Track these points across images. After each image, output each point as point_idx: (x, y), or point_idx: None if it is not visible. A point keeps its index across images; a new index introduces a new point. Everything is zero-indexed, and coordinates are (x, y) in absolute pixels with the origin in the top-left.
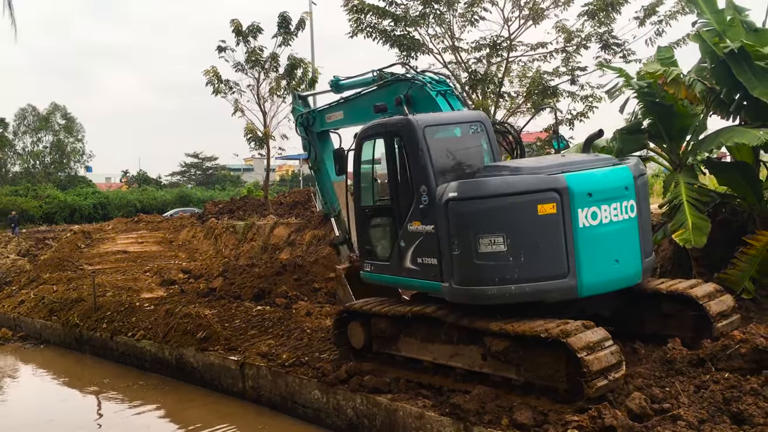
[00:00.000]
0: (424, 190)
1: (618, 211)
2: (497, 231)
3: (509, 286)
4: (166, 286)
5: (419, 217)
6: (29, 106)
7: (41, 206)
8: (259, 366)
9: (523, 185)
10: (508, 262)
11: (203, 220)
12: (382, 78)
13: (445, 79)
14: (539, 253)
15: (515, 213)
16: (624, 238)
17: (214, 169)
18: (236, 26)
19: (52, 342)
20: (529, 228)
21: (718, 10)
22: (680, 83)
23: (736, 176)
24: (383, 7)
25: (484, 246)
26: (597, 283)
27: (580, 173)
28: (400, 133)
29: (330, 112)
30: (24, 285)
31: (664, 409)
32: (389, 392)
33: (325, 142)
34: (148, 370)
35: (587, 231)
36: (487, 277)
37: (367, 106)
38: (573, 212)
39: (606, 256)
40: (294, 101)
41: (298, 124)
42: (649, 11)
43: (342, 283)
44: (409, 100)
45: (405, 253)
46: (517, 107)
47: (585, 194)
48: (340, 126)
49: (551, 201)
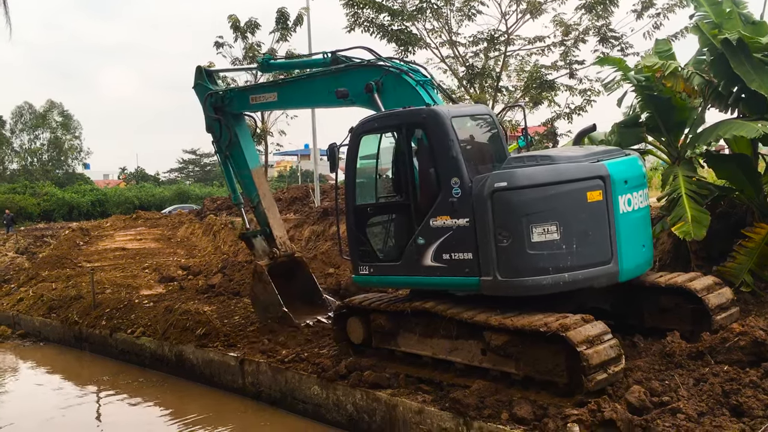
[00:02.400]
0: (456, 183)
1: (642, 199)
2: (551, 219)
3: (563, 274)
4: (165, 282)
5: (448, 211)
6: (26, 104)
7: (39, 204)
8: (259, 362)
9: (572, 173)
10: (561, 250)
11: (202, 216)
12: (338, 62)
13: (419, 68)
14: (589, 239)
15: (567, 201)
16: (644, 224)
17: (213, 166)
18: (234, 22)
19: (51, 339)
20: (580, 215)
21: (716, 2)
22: (678, 76)
23: (734, 169)
24: (380, 2)
25: (538, 235)
26: (632, 268)
27: (616, 161)
28: (424, 124)
29: (257, 92)
30: (23, 283)
31: (664, 402)
32: (389, 387)
33: (240, 124)
34: (147, 367)
35: (625, 217)
36: (540, 266)
37: (319, 89)
38: (614, 199)
39: (637, 242)
40: (198, 77)
41: (208, 103)
42: (646, 4)
43: (264, 280)
44: (379, 88)
45: (424, 251)
46: (515, 101)
47: (623, 181)
48: (269, 109)
49: (598, 188)
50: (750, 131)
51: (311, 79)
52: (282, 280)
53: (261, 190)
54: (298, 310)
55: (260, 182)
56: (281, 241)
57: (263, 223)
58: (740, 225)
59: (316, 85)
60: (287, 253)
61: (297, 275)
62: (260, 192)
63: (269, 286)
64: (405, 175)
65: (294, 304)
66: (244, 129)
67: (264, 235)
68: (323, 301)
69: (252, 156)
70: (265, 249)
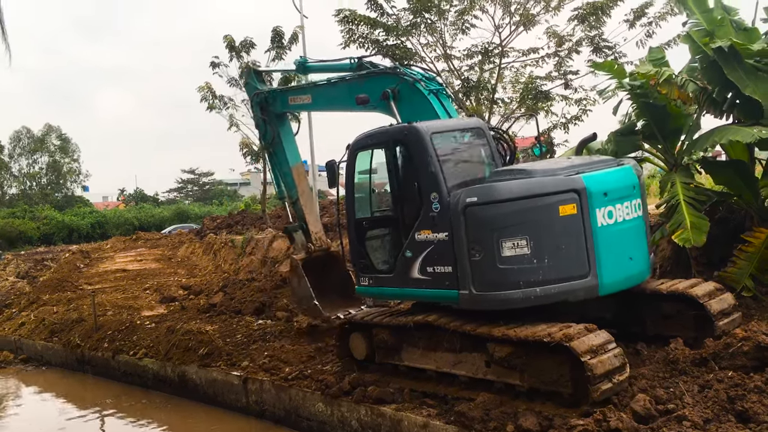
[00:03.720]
0: (435, 198)
1: (629, 210)
2: (520, 234)
3: (534, 288)
4: (167, 303)
5: (429, 226)
6: (24, 128)
7: (39, 227)
8: (262, 380)
9: (544, 187)
10: (532, 265)
11: (202, 235)
12: (363, 67)
13: (434, 76)
14: (562, 253)
15: (537, 215)
16: (635, 236)
17: (211, 185)
18: (229, 42)
19: (53, 363)
20: (552, 229)
21: (707, 9)
22: (672, 83)
23: (731, 174)
24: (374, 18)
25: (508, 250)
26: (615, 282)
27: (595, 174)
28: (406, 141)
29: (295, 94)
30: (24, 307)
31: (669, 409)
32: (393, 402)
33: (283, 123)
34: (150, 388)
35: (605, 230)
36: (512, 280)
37: (343, 95)
38: (591, 212)
39: (621, 254)
40: (248, 76)
41: (255, 102)
42: (638, 13)
43: (299, 274)
44: (396, 96)
45: (412, 264)
46: (511, 113)
47: (601, 194)
48: (305, 110)
49: (571, 202)
50: (746, 136)
51: (338, 83)
52: (317, 273)
53: (300, 187)
54: (332, 302)
55: (300, 179)
56: (317, 237)
57: (300, 219)
58: (739, 230)
59: (341, 90)
60: (323, 247)
61: (332, 269)
62: (299, 189)
63: (303, 280)
64: (393, 190)
65: (329, 296)
66: (286, 128)
67: (302, 229)
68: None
69: (293, 154)
70: (304, 243)
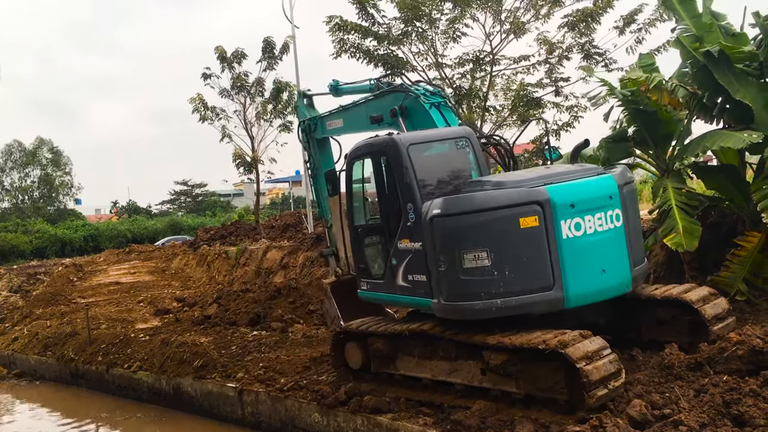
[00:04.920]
0: (410, 208)
1: (603, 221)
2: (480, 246)
3: (495, 300)
4: (161, 315)
5: (408, 235)
6: (15, 142)
7: (31, 241)
8: (258, 391)
9: (504, 199)
10: (493, 277)
11: (195, 247)
12: (379, 87)
13: (439, 90)
14: (523, 266)
15: (498, 227)
16: (610, 247)
17: (204, 196)
18: (221, 53)
19: (47, 378)
20: (513, 242)
21: (696, 15)
22: (663, 89)
23: (723, 179)
24: (366, 27)
25: (469, 261)
26: (584, 294)
27: (562, 185)
28: (386, 152)
29: (331, 119)
30: (17, 321)
31: (665, 414)
32: (389, 412)
33: (325, 149)
34: (145, 401)
35: (571, 242)
36: (472, 292)
37: (363, 116)
38: (556, 224)
39: (592, 267)
40: (298, 99)
41: (301, 129)
42: (628, 20)
43: (328, 296)
44: (404, 112)
45: (397, 271)
46: (503, 120)
47: (567, 205)
48: (340, 133)
49: (533, 214)
50: (737, 141)
51: (358, 105)
52: (345, 295)
53: (334, 215)
54: None
55: (334, 209)
56: (345, 262)
57: (333, 244)
58: (731, 234)
59: (361, 112)
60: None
61: None
62: (333, 217)
63: (331, 301)
64: (379, 199)
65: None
66: (327, 155)
67: (334, 255)
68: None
69: None
70: (334, 267)
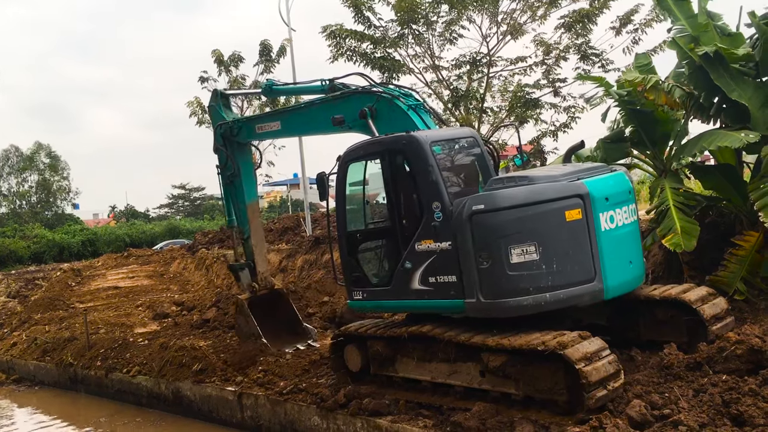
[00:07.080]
0: (437, 207)
1: (627, 214)
2: (529, 240)
3: (544, 294)
4: (159, 319)
5: (432, 235)
6: (12, 147)
7: (29, 246)
8: (257, 395)
9: (550, 193)
10: (541, 270)
11: (193, 251)
12: (335, 89)
13: (411, 92)
14: (569, 258)
15: (545, 221)
16: (632, 240)
17: (202, 199)
18: (218, 56)
19: (46, 383)
20: (559, 234)
21: (692, 15)
22: (659, 90)
23: (720, 179)
24: (362, 31)
25: (517, 256)
26: (618, 285)
27: (595, 179)
28: (405, 150)
29: (263, 122)
30: (15, 327)
31: (665, 415)
32: (389, 414)
33: (244, 154)
34: (144, 406)
35: (607, 234)
36: (522, 287)
37: (318, 117)
38: (595, 216)
39: (623, 258)
40: (213, 99)
41: (218, 132)
42: (624, 21)
43: (245, 313)
44: (373, 114)
45: (412, 275)
46: (501, 122)
47: (603, 199)
48: (274, 137)
49: (577, 207)
50: (733, 141)
51: (310, 107)
52: (265, 311)
53: (252, 225)
54: (281, 339)
55: (253, 217)
56: (262, 277)
57: (249, 257)
58: (729, 234)
59: (315, 113)
60: (267, 286)
61: (279, 307)
62: (252, 227)
63: (249, 319)
64: (390, 201)
65: (278, 333)
66: (247, 161)
67: (249, 268)
68: (304, 330)
69: (250, 190)
70: (249, 282)
